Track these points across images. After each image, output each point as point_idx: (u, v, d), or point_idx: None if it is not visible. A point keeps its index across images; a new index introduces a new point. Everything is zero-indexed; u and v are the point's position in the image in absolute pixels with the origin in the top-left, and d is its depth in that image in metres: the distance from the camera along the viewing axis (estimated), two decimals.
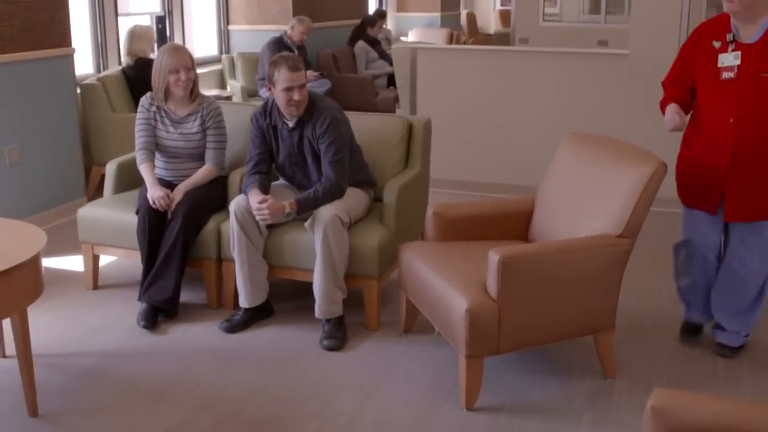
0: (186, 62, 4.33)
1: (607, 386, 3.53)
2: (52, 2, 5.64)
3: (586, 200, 3.55)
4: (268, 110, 4.14)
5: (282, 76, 3.92)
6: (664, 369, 3.72)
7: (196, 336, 4.03)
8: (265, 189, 4.07)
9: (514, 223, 3.94)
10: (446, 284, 3.39)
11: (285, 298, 4.40)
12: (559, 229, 3.65)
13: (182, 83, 4.31)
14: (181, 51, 4.39)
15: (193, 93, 4.41)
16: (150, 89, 4.45)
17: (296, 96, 3.94)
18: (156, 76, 4.34)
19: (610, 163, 3.56)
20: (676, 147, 3.80)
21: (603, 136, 3.88)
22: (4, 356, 3.79)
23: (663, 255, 5.13)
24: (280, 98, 3.99)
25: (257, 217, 3.93)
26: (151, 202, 4.14)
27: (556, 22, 11.03)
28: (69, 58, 5.91)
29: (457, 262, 3.57)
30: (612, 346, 3.55)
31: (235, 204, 4.02)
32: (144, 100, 4.42)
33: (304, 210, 3.94)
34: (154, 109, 4.39)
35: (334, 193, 3.97)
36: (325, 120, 4.01)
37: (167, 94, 4.37)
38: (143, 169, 4.32)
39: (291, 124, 4.08)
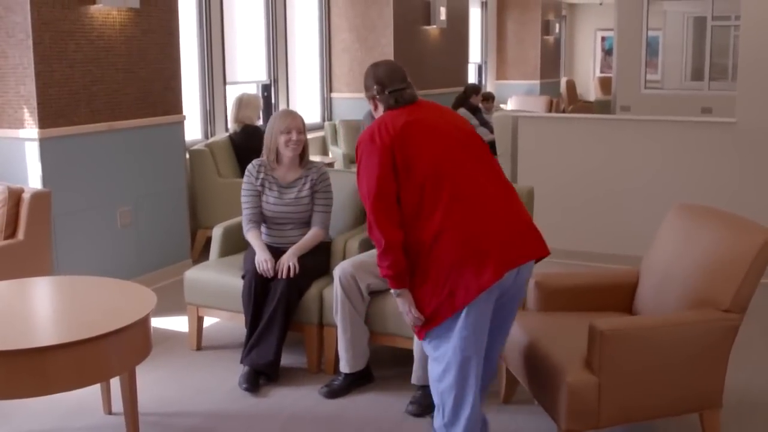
0: (297, 124, 4.45)
1: None
2: (165, 72, 5.89)
3: (693, 273, 3.47)
4: None
5: None
6: None
7: (296, 400, 4.06)
8: None
9: (618, 295, 3.88)
10: (546, 356, 3.34)
11: (385, 365, 4.40)
12: (664, 301, 3.58)
13: (293, 143, 4.41)
14: (293, 114, 4.52)
15: (302, 158, 4.52)
16: (256, 155, 4.58)
17: None
18: (267, 139, 4.47)
19: (717, 235, 3.48)
20: None
21: (710, 208, 3.81)
22: (110, 413, 3.89)
23: None
24: None
25: None
26: (257, 265, 4.23)
27: (658, 89, 10.91)
28: (180, 125, 6.14)
29: (559, 333, 3.52)
30: (719, 426, 3.42)
31: (340, 270, 4.08)
32: (251, 167, 4.54)
33: None
34: (261, 176, 4.50)
35: None
36: None
37: (278, 157, 4.48)
38: (251, 237, 4.43)
39: None
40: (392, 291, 3.17)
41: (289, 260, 4.24)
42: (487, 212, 3.08)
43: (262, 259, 4.24)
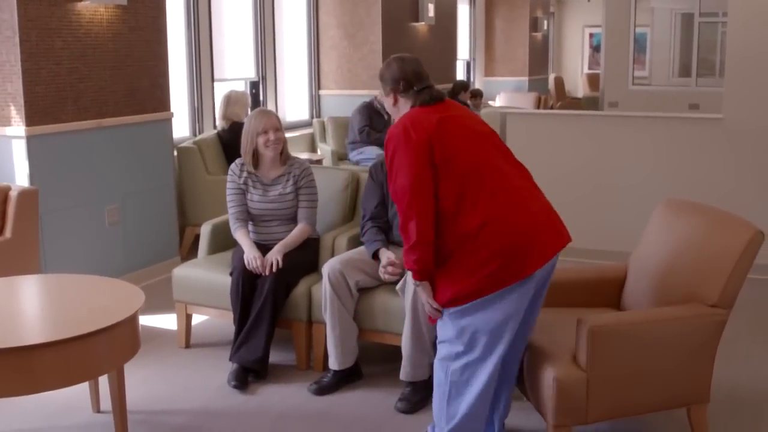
0: (273, 123, 4.44)
1: None
2: (152, 69, 5.87)
3: (680, 268, 3.49)
4: None
5: None
6: None
7: (285, 398, 4.06)
8: (387, 245, 4.16)
9: (606, 291, 3.89)
10: (535, 351, 3.35)
11: (374, 362, 4.40)
12: (651, 297, 3.59)
13: (272, 143, 4.40)
14: (268, 113, 4.51)
15: (283, 155, 4.51)
16: None
17: None
18: (245, 141, 4.46)
19: (704, 230, 3.50)
20: None
21: (697, 203, 3.82)
22: (99, 411, 3.88)
23: (761, 324, 4.99)
24: None
25: (383, 275, 4.01)
26: (246, 263, 4.23)
27: (646, 86, 10.95)
28: (168, 122, 6.13)
29: (547, 329, 3.53)
30: (706, 420, 3.43)
31: (328, 266, 4.08)
32: (234, 167, 4.53)
33: None
34: (244, 175, 4.49)
35: None
36: None
37: (257, 158, 4.47)
38: (239, 235, 4.42)
39: None
40: (414, 282, 3.23)
41: (273, 256, 4.24)
42: (523, 204, 3.17)
43: (251, 257, 4.23)
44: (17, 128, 4.95)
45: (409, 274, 3.89)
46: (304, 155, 7.98)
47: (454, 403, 3.21)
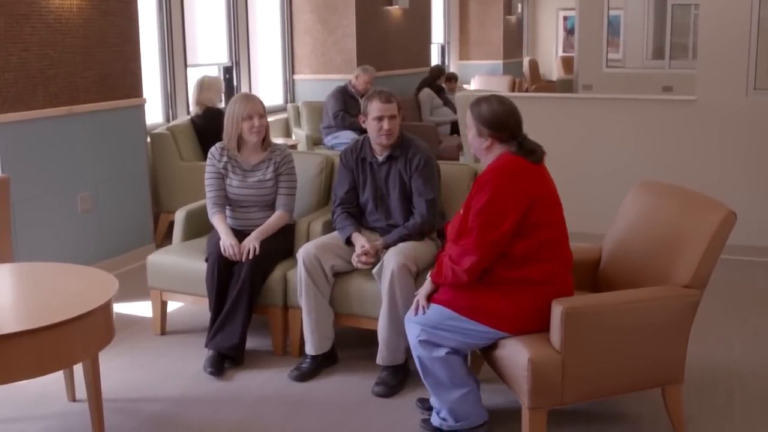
0: (258, 109, 4.41)
1: None
2: (124, 55, 5.81)
3: (654, 249, 3.51)
4: (359, 146, 4.28)
5: (374, 107, 4.08)
6: (737, 424, 3.62)
7: (262, 383, 4.05)
8: (359, 229, 4.19)
9: (581, 273, 3.89)
10: (510, 334, 3.36)
11: (350, 346, 4.40)
12: (626, 278, 3.61)
13: (256, 129, 4.37)
14: (253, 98, 4.47)
15: (265, 141, 4.49)
16: (218, 138, 4.54)
17: (386, 125, 4.08)
18: (228, 125, 4.42)
19: (677, 211, 3.52)
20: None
21: (671, 184, 3.84)
22: (74, 400, 3.86)
23: (734, 304, 5.03)
24: (371, 128, 4.13)
25: (357, 264, 4.04)
26: (222, 249, 4.21)
27: (620, 68, 10.98)
28: (140, 108, 6.08)
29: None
30: (681, 400, 3.46)
31: (303, 251, 4.07)
32: (214, 150, 4.50)
33: (390, 247, 4.04)
34: (225, 159, 4.46)
35: (423, 232, 4.10)
36: (422, 158, 4.15)
37: (240, 142, 4.45)
38: (215, 221, 4.39)
39: (381, 159, 4.18)
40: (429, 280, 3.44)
41: (250, 243, 4.22)
42: (570, 269, 3.44)
43: (228, 244, 4.21)
44: None
45: (385, 258, 3.90)
46: (278, 140, 7.95)
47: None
